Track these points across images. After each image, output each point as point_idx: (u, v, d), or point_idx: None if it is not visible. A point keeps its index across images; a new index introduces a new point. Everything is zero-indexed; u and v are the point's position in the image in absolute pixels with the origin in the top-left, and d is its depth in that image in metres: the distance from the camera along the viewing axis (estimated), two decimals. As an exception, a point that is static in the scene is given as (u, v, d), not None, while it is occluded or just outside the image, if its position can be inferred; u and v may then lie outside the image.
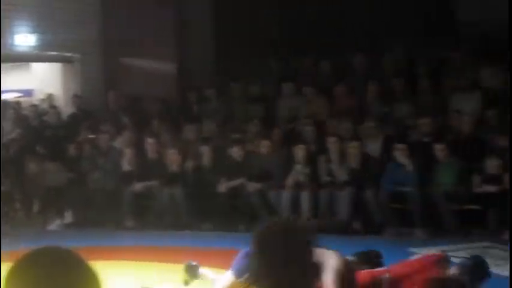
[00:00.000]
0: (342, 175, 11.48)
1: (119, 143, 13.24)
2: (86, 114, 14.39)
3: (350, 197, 11.18)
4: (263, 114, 13.75)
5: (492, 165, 10.67)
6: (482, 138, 11.48)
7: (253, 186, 11.69)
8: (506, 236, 10.29)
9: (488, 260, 8.72)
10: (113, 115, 14.31)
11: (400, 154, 11.12)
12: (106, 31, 14.92)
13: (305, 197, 11.46)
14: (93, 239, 10.80)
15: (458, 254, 9.28)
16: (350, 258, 6.27)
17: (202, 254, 9.83)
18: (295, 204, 11.51)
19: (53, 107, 14.66)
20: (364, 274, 6.13)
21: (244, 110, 14.07)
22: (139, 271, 8.62)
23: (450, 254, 9.30)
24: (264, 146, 11.95)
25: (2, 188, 12.59)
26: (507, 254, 9.07)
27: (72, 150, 13.17)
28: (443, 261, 5.90)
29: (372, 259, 6.27)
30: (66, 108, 14.92)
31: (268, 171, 11.82)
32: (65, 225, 12.50)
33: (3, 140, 13.76)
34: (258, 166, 11.91)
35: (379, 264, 6.28)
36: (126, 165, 12.53)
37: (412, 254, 9.34)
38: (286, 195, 11.52)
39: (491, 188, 10.49)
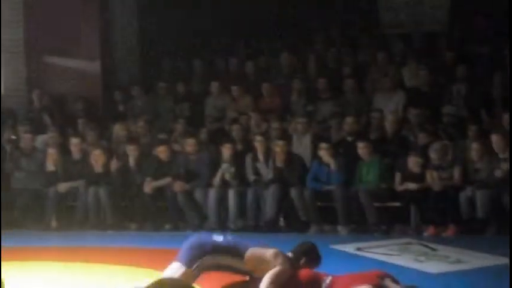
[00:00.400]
0: (268, 174, 11.56)
1: (40, 143, 13.07)
2: (9, 114, 14.16)
3: (276, 195, 11.26)
4: (190, 114, 13.74)
5: (414, 163, 10.88)
6: (404, 137, 11.70)
7: (179, 186, 11.68)
8: (427, 233, 10.52)
9: (410, 256, 8.95)
10: (36, 115, 14.13)
11: (324, 153, 11.26)
12: (29, 30, 14.73)
13: (232, 196, 11.51)
14: (17, 240, 10.65)
15: (379, 251, 9.45)
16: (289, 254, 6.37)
17: (128, 253, 9.81)
18: (222, 202, 11.55)
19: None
20: (306, 272, 6.22)
21: (171, 109, 14.04)
22: (65, 272, 8.53)
23: (372, 250, 9.52)
24: (190, 145, 11.94)
25: None
26: (427, 250, 9.26)
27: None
28: (386, 277, 6.02)
29: (309, 252, 6.40)
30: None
31: (194, 171, 11.82)
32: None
33: None
34: (184, 166, 11.91)
35: (317, 257, 6.37)
36: (50, 166, 12.37)
37: (333, 250, 9.48)
38: (212, 194, 11.55)
39: (412, 186, 10.70)
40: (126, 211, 12.01)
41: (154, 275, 8.36)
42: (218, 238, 6.33)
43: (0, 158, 12.69)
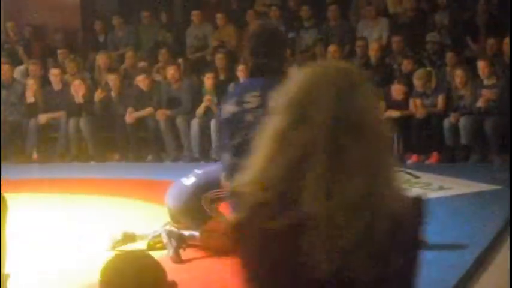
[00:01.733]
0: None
1: (19, 74, 12.90)
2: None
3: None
4: (171, 43, 13.58)
5: (397, 90, 10.81)
6: (387, 65, 11.61)
7: (162, 113, 11.56)
8: (410, 160, 10.52)
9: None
10: (13, 46, 13.92)
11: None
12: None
13: (214, 125, 11.42)
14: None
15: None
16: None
17: (110, 184, 9.78)
18: (204, 132, 11.48)
19: None
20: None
21: (152, 39, 13.86)
22: (47, 203, 8.49)
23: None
24: (172, 73, 11.77)
25: None
26: (410, 177, 9.25)
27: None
28: None
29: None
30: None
31: (176, 99, 11.71)
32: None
33: None
34: (166, 95, 11.79)
35: None
36: (30, 97, 12.22)
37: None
38: (195, 124, 11.46)
39: (396, 113, 10.64)
40: (108, 142, 11.93)
41: (137, 205, 8.40)
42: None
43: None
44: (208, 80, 11.62)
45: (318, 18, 13.00)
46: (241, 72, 11.46)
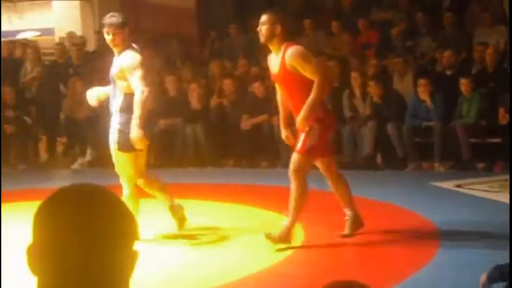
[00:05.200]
0: (365, 110, 11.42)
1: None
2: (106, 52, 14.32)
3: (373, 131, 11.14)
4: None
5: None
6: (506, 70, 11.37)
7: (277, 120, 11.60)
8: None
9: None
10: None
11: (422, 89, 11.04)
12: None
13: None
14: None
15: (479, 187, 9.28)
16: None
17: (225, 189, 9.92)
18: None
19: (75, 44, 14.61)
20: None
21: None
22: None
23: (472, 187, 9.36)
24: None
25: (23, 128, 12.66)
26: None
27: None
28: None
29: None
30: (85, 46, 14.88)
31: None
32: (88, 162, 12.53)
33: (25, 79, 13.79)
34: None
35: None
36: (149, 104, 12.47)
37: (432, 188, 9.36)
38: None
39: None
40: (223, 148, 12.10)
41: (252, 211, 8.48)
42: None
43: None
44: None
45: (434, 25, 12.85)
46: (355, 79, 11.45)
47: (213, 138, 12.05)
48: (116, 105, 7.04)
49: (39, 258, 1.64)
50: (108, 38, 7.11)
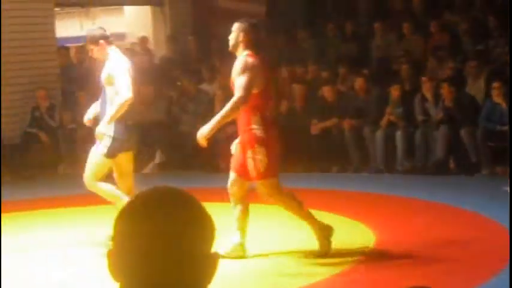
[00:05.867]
0: (437, 114, 11.27)
1: (207, 85, 13.26)
2: (178, 57, 14.45)
3: (445, 135, 10.97)
4: (356, 54, 13.57)
5: None
6: None
7: (348, 123, 11.55)
8: None
9: None
10: (202, 58, 14.33)
11: (496, 92, 10.84)
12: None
13: (399, 137, 11.31)
14: (185, 181, 10.90)
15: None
16: None
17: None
18: (389, 143, 11.38)
19: (146, 50, 14.76)
20: None
21: (336, 50, 13.90)
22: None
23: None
24: (358, 84, 11.80)
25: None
26: None
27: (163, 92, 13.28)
28: None
29: None
30: (157, 51, 15.03)
31: (362, 110, 11.68)
32: (157, 165, 12.62)
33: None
34: (352, 105, 11.79)
35: None
36: (217, 109, 12.54)
37: (506, 193, 9.16)
38: (380, 135, 11.38)
39: None
40: (293, 153, 12.03)
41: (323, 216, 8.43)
42: None
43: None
44: (394, 91, 11.51)
45: (505, 28, 12.61)
46: (426, 82, 11.31)
47: (282, 143, 11.98)
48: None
49: (120, 263, 1.63)
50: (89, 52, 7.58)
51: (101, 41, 7.36)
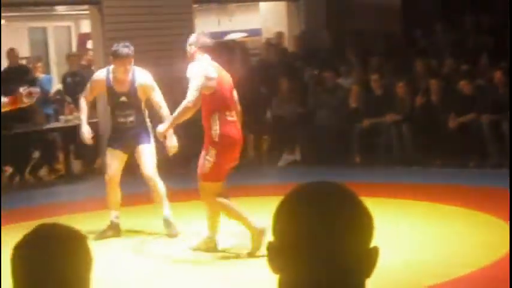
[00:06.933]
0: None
1: (344, 79, 13.24)
2: (312, 52, 14.50)
3: None
4: (493, 46, 13.26)
5: None
6: None
7: (486, 118, 11.29)
8: None
9: None
10: (337, 52, 14.32)
11: None
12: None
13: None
14: (322, 175, 10.94)
15: None
16: None
17: (431, 190, 9.79)
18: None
19: (281, 45, 14.86)
20: None
21: (474, 43, 13.63)
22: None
23: None
24: (498, 78, 11.52)
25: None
26: None
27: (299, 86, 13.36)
28: None
29: None
30: (290, 47, 15.11)
31: (502, 104, 11.39)
32: (294, 161, 12.72)
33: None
34: (491, 99, 11.52)
35: None
36: (352, 102, 12.54)
37: None
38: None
39: None
40: (430, 147, 11.90)
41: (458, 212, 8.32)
42: None
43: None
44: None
45: None
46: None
47: (419, 137, 11.88)
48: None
49: (280, 256, 1.63)
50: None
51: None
